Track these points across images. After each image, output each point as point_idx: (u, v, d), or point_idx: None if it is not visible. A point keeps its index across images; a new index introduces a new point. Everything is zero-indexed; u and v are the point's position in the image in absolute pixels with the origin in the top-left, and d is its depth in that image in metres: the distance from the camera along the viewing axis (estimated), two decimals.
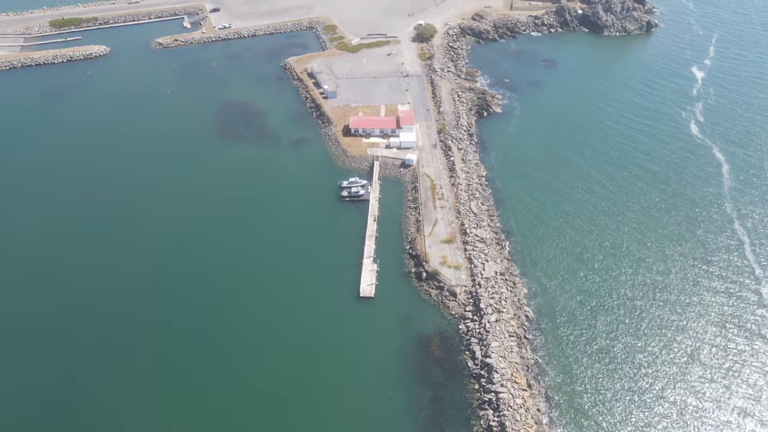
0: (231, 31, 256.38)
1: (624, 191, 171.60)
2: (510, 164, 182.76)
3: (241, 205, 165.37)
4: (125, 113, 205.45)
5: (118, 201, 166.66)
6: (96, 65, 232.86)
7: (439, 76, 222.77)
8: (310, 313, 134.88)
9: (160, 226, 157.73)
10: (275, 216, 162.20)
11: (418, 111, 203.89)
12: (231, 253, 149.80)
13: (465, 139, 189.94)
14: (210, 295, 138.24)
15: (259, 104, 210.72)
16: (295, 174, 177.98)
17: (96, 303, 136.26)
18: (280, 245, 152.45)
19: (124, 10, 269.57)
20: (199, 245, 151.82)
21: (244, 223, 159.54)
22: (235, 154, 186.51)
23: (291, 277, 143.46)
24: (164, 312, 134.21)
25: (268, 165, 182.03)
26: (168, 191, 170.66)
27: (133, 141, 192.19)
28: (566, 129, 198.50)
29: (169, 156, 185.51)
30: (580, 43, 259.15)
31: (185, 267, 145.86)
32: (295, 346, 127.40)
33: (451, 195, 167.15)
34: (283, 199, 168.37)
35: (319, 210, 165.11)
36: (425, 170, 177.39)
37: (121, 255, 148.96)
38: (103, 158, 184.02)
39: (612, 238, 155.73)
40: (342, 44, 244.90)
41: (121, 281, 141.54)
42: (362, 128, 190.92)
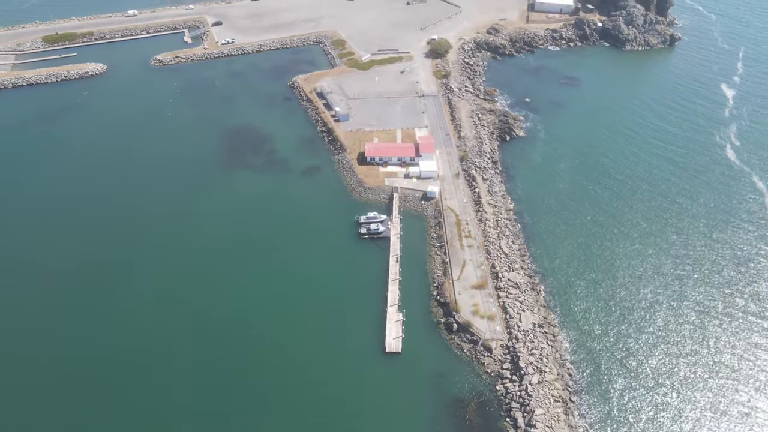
0: (234, 46, 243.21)
1: (660, 230, 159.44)
2: (538, 196, 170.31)
3: (249, 245, 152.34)
4: (123, 138, 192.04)
5: (114, 239, 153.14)
6: (92, 85, 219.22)
7: (456, 96, 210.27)
8: (332, 372, 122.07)
9: (159, 270, 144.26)
10: (288, 257, 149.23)
11: (437, 136, 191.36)
12: (239, 302, 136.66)
13: (489, 167, 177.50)
14: (217, 356, 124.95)
15: (266, 128, 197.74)
16: (307, 208, 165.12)
17: (89, 364, 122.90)
18: (295, 292, 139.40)
19: (122, 24, 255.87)
20: (203, 294, 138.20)
21: (253, 265, 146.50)
22: (242, 185, 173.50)
23: (308, 330, 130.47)
24: (166, 377, 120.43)
25: (278, 197, 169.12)
26: (168, 228, 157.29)
27: (132, 169, 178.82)
28: (593, 157, 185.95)
29: (169, 187, 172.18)
30: (601, 59, 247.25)
31: (188, 322, 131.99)
32: (316, 412, 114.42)
33: (479, 232, 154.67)
34: (296, 237, 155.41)
35: (336, 250, 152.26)
36: (449, 203, 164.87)
37: (116, 306, 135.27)
38: (98, 189, 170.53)
39: (651, 284, 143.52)
40: (352, 61, 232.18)
41: (116, 341, 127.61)
42: (379, 156, 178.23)
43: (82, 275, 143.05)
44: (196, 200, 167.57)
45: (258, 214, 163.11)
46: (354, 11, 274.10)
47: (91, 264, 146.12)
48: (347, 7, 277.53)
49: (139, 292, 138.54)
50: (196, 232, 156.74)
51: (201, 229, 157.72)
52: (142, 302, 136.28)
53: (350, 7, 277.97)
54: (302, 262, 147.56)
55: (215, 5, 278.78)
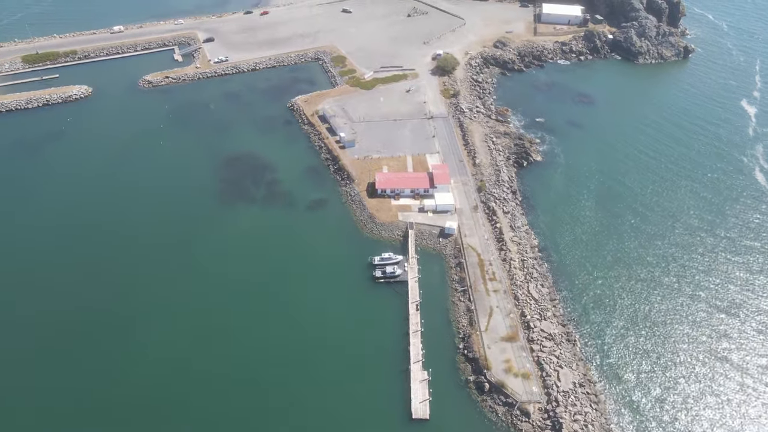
0: (228, 65, 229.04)
1: (696, 263, 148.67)
2: (562, 230, 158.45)
3: (252, 291, 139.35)
4: (111, 169, 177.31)
5: (102, 284, 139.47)
6: (76, 110, 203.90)
7: (468, 118, 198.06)
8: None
9: (153, 321, 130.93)
10: (296, 306, 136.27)
11: (450, 163, 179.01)
12: (242, 359, 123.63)
13: (509, 198, 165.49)
14: (218, 423, 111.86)
15: (266, 156, 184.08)
16: (315, 247, 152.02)
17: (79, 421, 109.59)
18: (305, 347, 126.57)
19: (107, 42, 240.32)
20: (203, 349, 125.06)
21: (257, 315, 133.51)
22: (243, 221, 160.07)
23: (323, 392, 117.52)
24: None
25: (283, 235, 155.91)
26: (162, 271, 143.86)
27: (121, 204, 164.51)
28: (615, 186, 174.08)
29: (163, 224, 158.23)
30: (614, 73, 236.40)
31: (186, 381, 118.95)
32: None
33: (504, 274, 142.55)
34: (304, 282, 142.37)
35: (350, 296, 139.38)
36: (469, 241, 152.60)
37: (107, 363, 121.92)
38: (84, 226, 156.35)
39: (698, 330, 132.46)
40: (354, 80, 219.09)
41: (108, 399, 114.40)
42: (390, 188, 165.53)
43: (69, 325, 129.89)
44: (193, 239, 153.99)
45: (261, 256, 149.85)
46: (352, 24, 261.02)
47: (78, 312, 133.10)
48: (345, 21, 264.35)
49: (131, 347, 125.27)
50: (193, 276, 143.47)
51: (199, 273, 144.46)
52: (135, 359, 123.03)
53: (348, 20, 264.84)
54: (312, 312, 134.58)
55: (206, 19, 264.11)
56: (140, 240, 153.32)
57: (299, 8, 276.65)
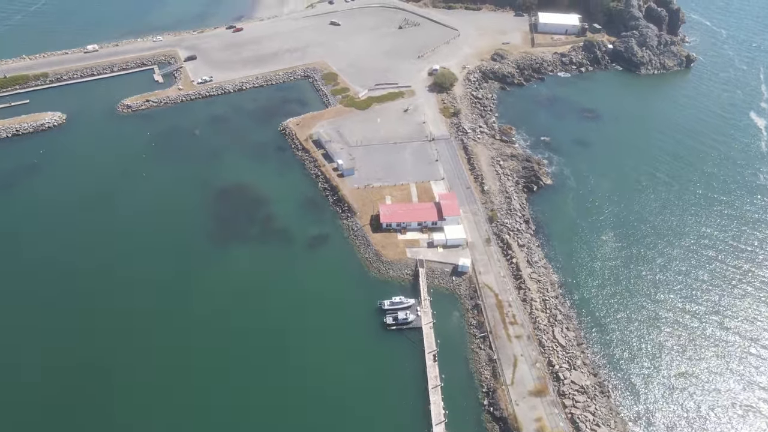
0: (213, 85, 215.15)
1: (725, 296, 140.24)
2: (581, 263, 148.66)
3: (251, 343, 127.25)
4: (90, 207, 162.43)
5: (84, 339, 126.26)
6: (49, 140, 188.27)
7: (471, 139, 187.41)
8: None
9: (143, 380, 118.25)
10: (300, 359, 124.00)
11: (457, 190, 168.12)
12: (244, 421, 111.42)
13: (523, 229, 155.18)
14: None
15: (259, 187, 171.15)
16: (318, 291, 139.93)
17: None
18: (311, 409, 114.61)
19: (81, 62, 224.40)
20: (200, 412, 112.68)
21: (258, 371, 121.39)
22: (237, 263, 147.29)
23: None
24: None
25: (282, 278, 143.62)
26: (151, 323, 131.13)
27: (101, 247, 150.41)
28: (633, 208, 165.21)
29: (149, 269, 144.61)
30: (616, 85, 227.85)
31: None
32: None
33: (526, 317, 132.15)
34: (307, 331, 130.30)
35: (359, 347, 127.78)
36: (484, 279, 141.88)
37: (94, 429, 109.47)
38: (61, 272, 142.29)
39: (730, 372, 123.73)
40: (348, 99, 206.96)
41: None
42: (396, 222, 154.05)
43: (52, 388, 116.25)
44: (183, 286, 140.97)
45: (259, 302, 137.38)
46: (342, 38, 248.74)
47: (61, 370, 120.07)
48: (334, 34, 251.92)
49: (119, 410, 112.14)
50: (185, 327, 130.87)
51: (191, 323, 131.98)
52: (125, 423, 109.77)
53: (337, 33, 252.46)
54: (318, 366, 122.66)
55: (186, 35, 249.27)
56: (124, 288, 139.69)
57: (284, 21, 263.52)
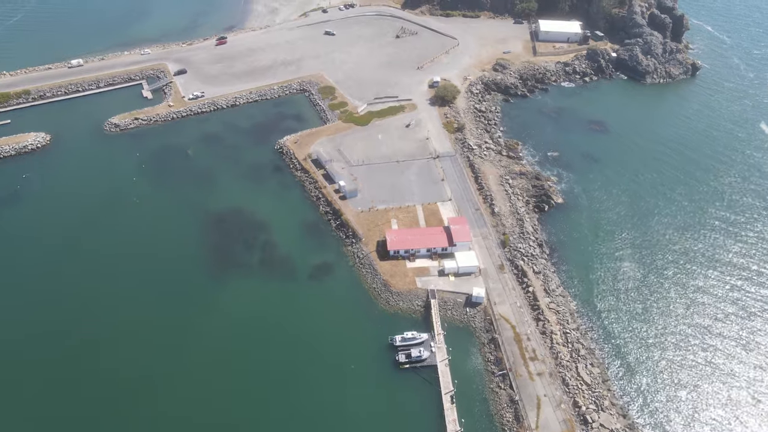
0: (205, 101, 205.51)
1: (753, 320, 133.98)
2: (601, 289, 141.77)
3: (254, 384, 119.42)
4: (77, 237, 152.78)
5: (74, 386, 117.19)
6: (33, 163, 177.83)
7: (477, 156, 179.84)
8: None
9: (143, 429, 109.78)
10: (306, 402, 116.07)
11: (466, 212, 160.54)
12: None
13: (537, 254, 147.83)
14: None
15: (257, 211, 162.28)
16: (324, 327, 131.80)
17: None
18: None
19: (65, 78, 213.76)
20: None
21: (262, 415, 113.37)
22: (237, 297, 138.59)
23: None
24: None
25: (284, 312, 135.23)
26: (144, 367, 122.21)
27: (90, 280, 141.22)
28: (650, 232, 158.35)
29: (142, 306, 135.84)
30: (622, 95, 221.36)
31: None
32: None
33: (546, 351, 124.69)
34: (314, 371, 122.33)
35: (371, 389, 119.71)
36: (500, 310, 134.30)
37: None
38: (47, 309, 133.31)
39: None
40: (347, 114, 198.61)
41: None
42: (404, 249, 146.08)
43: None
44: (180, 323, 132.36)
45: (260, 340, 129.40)
46: (337, 48, 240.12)
47: (49, 421, 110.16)
48: (329, 44, 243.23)
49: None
50: (181, 371, 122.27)
51: (188, 365, 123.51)
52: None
53: (332, 43, 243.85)
54: (327, 408, 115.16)
55: (175, 47, 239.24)
56: (115, 325, 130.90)
57: (277, 31, 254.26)
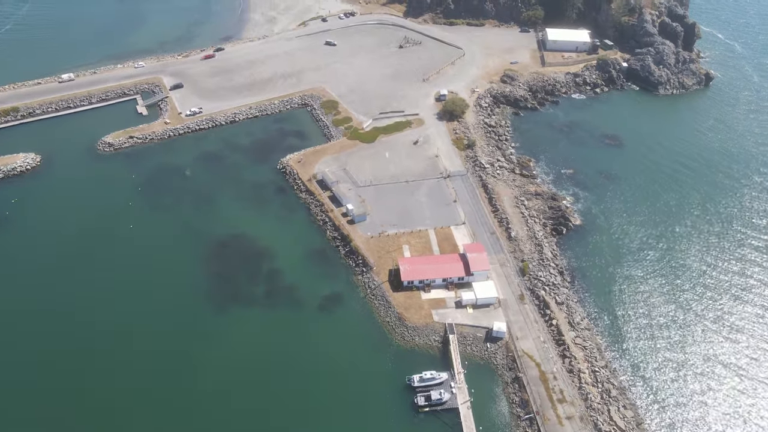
0: (203, 117, 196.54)
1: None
2: (628, 320, 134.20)
3: (259, 429, 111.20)
4: (70, 267, 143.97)
5: None
6: (22, 187, 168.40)
7: (490, 175, 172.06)
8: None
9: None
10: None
11: (481, 236, 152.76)
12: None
13: (558, 282, 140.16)
14: None
15: (260, 237, 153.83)
16: (335, 365, 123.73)
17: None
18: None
19: (55, 94, 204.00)
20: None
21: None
22: (241, 332, 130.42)
23: None
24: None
25: (292, 350, 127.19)
26: (140, 411, 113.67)
27: (84, 316, 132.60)
28: (675, 255, 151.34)
29: (139, 342, 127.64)
30: (635, 108, 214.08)
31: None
32: None
33: (575, 392, 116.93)
34: (324, 415, 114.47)
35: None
36: (522, 345, 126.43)
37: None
38: (39, 345, 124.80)
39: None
40: (352, 131, 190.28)
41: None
42: (419, 279, 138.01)
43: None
44: (180, 360, 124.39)
45: (266, 379, 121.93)
46: (339, 59, 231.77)
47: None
48: (330, 55, 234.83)
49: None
50: (182, 410, 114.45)
51: (189, 404, 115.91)
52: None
53: (334, 54, 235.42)
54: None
55: (170, 59, 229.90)
56: (112, 362, 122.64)
57: (276, 42, 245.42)
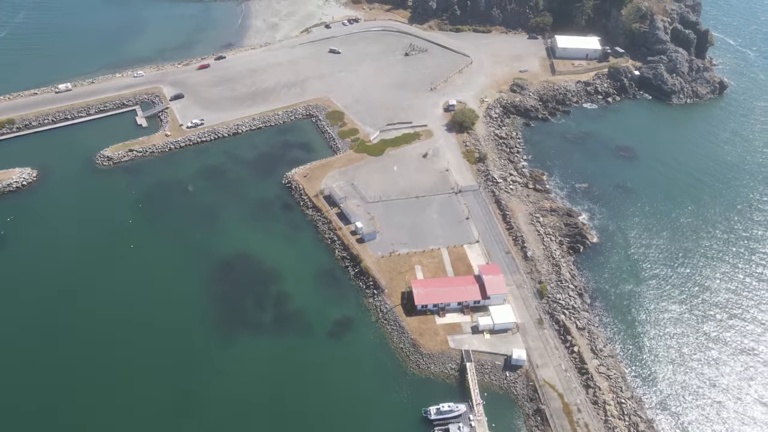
0: (204, 129, 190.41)
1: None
2: (653, 347, 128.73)
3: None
4: (68, 293, 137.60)
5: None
6: (19, 204, 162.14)
7: (503, 190, 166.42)
8: None
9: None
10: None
11: (495, 255, 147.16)
12: None
13: (579, 306, 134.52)
14: None
15: (267, 257, 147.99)
16: (347, 395, 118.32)
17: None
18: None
19: (52, 105, 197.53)
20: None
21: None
22: (249, 362, 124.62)
23: None
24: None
25: (302, 379, 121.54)
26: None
27: (82, 345, 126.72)
28: (699, 275, 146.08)
29: (140, 370, 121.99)
30: (648, 117, 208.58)
31: None
32: None
33: (601, 425, 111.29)
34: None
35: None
36: (543, 374, 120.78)
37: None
38: (36, 376, 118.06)
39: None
40: (359, 143, 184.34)
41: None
42: (433, 303, 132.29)
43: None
44: (184, 390, 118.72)
45: (275, 410, 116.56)
46: (343, 68, 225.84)
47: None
48: (335, 64, 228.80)
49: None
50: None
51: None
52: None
53: (338, 63, 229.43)
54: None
55: (170, 68, 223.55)
56: (111, 394, 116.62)
57: (279, 49, 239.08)
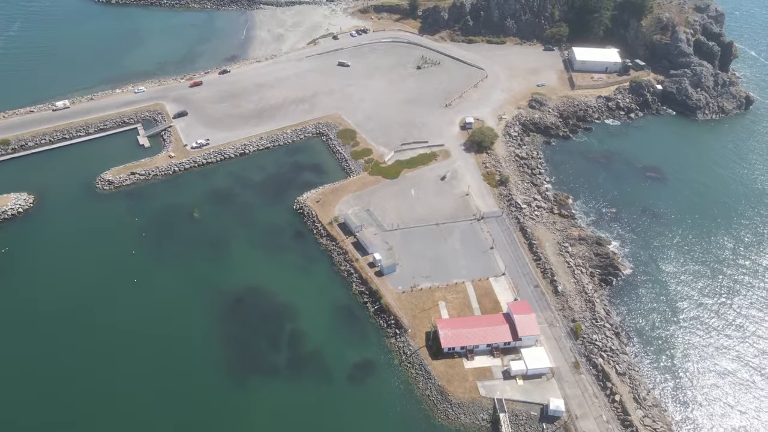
0: (210, 149, 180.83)
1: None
2: (699, 394, 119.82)
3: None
4: (67, 333, 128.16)
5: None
6: (14, 233, 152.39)
7: (528, 217, 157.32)
8: None
9: None
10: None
11: (523, 290, 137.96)
12: None
13: (617, 348, 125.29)
14: None
15: (279, 292, 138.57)
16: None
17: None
18: None
19: (50, 124, 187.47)
20: None
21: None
22: (261, 410, 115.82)
23: None
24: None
25: (321, 431, 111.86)
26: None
27: (83, 391, 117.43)
28: (741, 310, 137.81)
29: (146, 417, 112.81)
30: (674, 135, 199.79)
31: None
32: None
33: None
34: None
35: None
36: (584, 426, 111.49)
37: None
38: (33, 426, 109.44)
39: None
40: (373, 165, 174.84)
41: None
42: (461, 345, 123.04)
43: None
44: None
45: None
46: (353, 82, 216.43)
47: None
48: (344, 78, 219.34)
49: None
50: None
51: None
52: None
53: (348, 76, 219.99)
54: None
55: (173, 83, 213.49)
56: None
57: (285, 62, 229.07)
